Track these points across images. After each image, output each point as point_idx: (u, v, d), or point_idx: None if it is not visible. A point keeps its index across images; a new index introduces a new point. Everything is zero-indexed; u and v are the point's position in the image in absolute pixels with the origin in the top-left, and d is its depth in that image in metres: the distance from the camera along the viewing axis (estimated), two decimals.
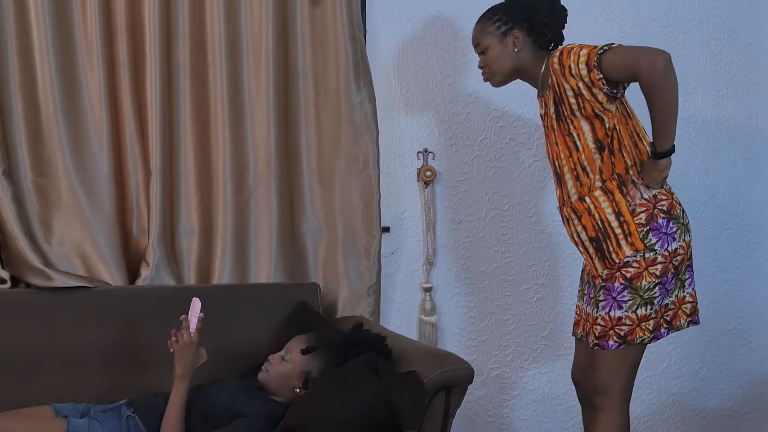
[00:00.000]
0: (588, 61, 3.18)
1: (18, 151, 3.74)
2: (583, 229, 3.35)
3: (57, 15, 3.75)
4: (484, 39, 3.47)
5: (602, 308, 3.30)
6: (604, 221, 3.28)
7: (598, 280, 3.34)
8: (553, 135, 3.38)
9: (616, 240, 3.26)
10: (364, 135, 4.08)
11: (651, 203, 3.28)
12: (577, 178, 3.33)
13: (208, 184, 3.95)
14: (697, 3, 4.62)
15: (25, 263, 3.67)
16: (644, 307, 3.27)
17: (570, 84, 3.23)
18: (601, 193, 3.28)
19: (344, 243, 4.09)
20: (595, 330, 3.34)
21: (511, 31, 3.43)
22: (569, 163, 3.33)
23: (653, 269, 3.25)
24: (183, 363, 3.22)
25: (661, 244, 3.25)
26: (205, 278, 3.95)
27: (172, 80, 3.89)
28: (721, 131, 4.69)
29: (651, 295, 3.26)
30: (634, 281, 3.25)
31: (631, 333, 3.29)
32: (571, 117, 3.28)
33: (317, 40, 4.04)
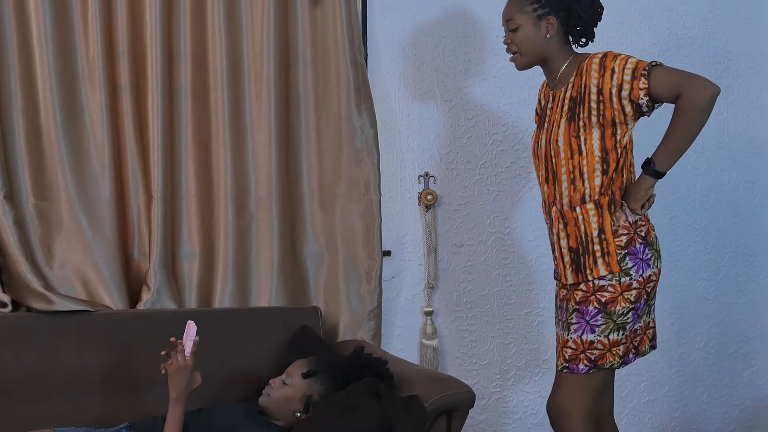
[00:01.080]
0: (636, 69, 3.16)
1: (20, 175, 3.74)
2: (565, 236, 3.31)
3: (59, 40, 3.75)
4: (518, 16, 3.35)
5: (574, 331, 3.26)
6: (588, 236, 3.25)
7: (572, 303, 3.29)
8: (553, 131, 3.32)
9: (593, 257, 3.23)
10: (366, 159, 4.08)
11: (632, 228, 3.25)
12: (572, 182, 3.28)
13: (209, 208, 3.95)
14: (697, 27, 4.64)
15: (26, 287, 3.67)
16: (617, 332, 3.23)
17: (603, 87, 3.20)
18: (593, 206, 3.25)
19: (345, 267, 4.09)
20: (565, 353, 3.29)
21: (547, 15, 3.33)
22: (569, 165, 3.28)
23: (628, 295, 3.22)
24: (177, 387, 3.19)
25: (637, 270, 3.23)
26: (206, 302, 3.95)
27: (173, 104, 3.89)
28: (722, 155, 4.70)
29: (624, 320, 3.23)
30: (609, 306, 3.21)
31: (602, 357, 3.25)
32: (586, 120, 3.23)
33: (319, 64, 4.05)
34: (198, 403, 3.35)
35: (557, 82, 3.39)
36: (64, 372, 3.59)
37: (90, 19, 3.78)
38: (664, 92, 3.16)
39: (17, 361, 3.56)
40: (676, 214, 4.65)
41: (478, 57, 4.28)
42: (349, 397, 3.26)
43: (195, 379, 3.23)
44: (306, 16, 4.02)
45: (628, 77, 3.17)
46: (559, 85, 3.38)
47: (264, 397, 3.39)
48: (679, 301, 4.66)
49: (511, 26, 3.37)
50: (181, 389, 3.19)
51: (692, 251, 4.68)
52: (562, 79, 3.37)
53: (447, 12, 4.29)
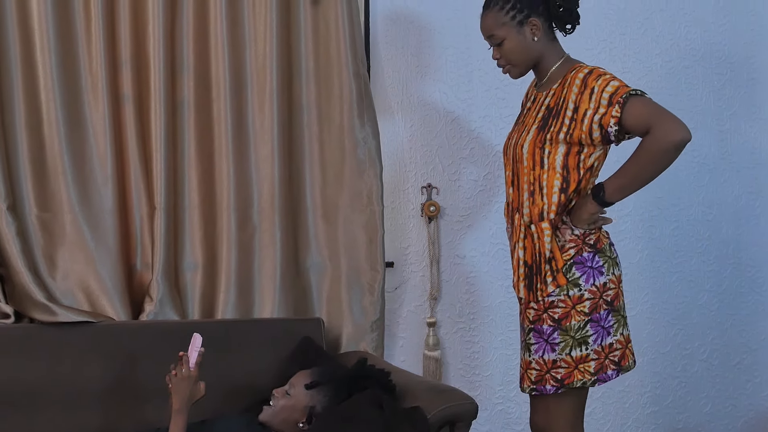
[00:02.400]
0: (614, 94, 3.04)
1: (23, 186, 3.74)
2: (523, 248, 3.21)
3: (62, 51, 3.76)
4: (499, 30, 3.21)
5: (535, 351, 3.17)
6: (541, 255, 3.15)
7: (526, 322, 3.21)
8: (522, 134, 3.22)
9: (543, 277, 3.14)
10: (368, 170, 4.08)
11: (580, 239, 3.14)
12: (532, 194, 3.17)
13: (212, 219, 3.95)
14: (699, 38, 4.64)
15: (29, 298, 3.67)
16: (578, 348, 3.12)
17: (579, 106, 3.09)
18: (548, 226, 3.14)
19: (348, 278, 4.09)
20: (530, 375, 3.20)
21: (528, 18, 3.19)
22: (530, 176, 3.17)
23: (580, 307, 3.11)
24: (180, 397, 3.18)
25: (586, 279, 3.12)
26: (208, 313, 3.95)
27: (176, 115, 3.90)
28: (725, 166, 4.70)
29: (583, 334, 3.12)
30: (563, 322, 3.12)
31: (569, 376, 3.14)
32: (554, 134, 3.12)
33: (321, 75, 4.06)
34: (201, 415, 3.35)
35: (544, 82, 3.28)
36: (67, 383, 3.59)
37: (93, 30, 3.79)
38: (634, 125, 3.03)
39: (20, 373, 3.56)
40: (678, 225, 4.64)
41: (481, 68, 4.28)
42: (351, 409, 3.26)
43: (198, 390, 3.22)
44: (309, 28, 4.03)
45: (605, 101, 3.05)
46: (544, 87, 3.27)
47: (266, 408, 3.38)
48: (681, 312, 4.66)
49: (495, 41, 3.24)
50: (183, 400, 3.18)
51: (695, 262, 4.68)
52: (549, 81, 3.26)
53: (449, 23, 4.30)
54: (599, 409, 4.53)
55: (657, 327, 4.62)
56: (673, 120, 3.02)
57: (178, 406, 3.19)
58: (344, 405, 3.30)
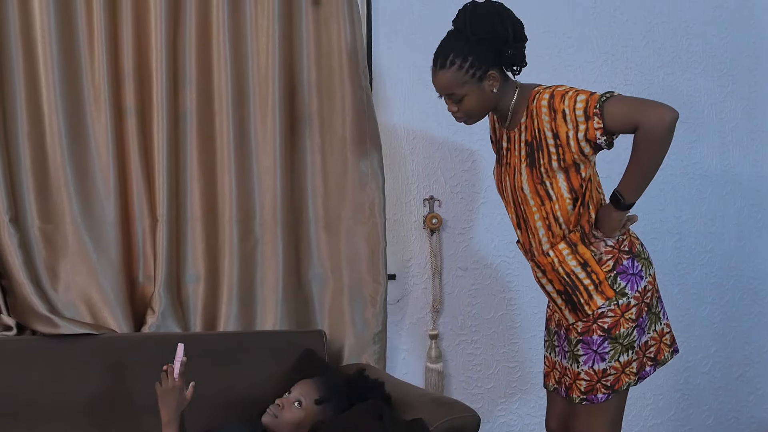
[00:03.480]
0: (587, 108, 3.04)
1: (25, 198, 3.75)
2: (548, 282, 3.27)
3: (65, 64, 3.77)
4: (460, 89, 3.19)
5: (584, 363, 3.22)
6: (570, 275, 3.19)
7: (573, 334, 3.24)
8: (516, 177, 3.23)
9: (587, 292, 3.17)
10: (370, 182, 4.08)
11: (616, 248, 3.19)
12: (549, 228, 3.22)
13: (214, 231, 3.95)
14: (701, 51, 4.65)
15: (31, 310, 3.67)
16: (626, 353, 3.19)
17: (558, 131, 3.10)
18: (565, 245, 3.18)
19: (350, 290, 4.08)
20: (579, 385, 3.24)
21: (486, 73, 3.17)
22: (541, 211, 3.21)
23: (629, 314, 3.17)
24: (167, 409, 3.16)
25: (631, 287, 3.17)
26: (211, 325, 3.94)
27: (178, 127, 3.90)
28: (727, 178, 4.70)
29: (630, 340, 3.19)
30: (613, 331, 3.17)
31: (617, 381, 3.22)
32: (547, 166, 3.14)
33: (323, 87, 4.06)
34: (203, 426, 3.34)
35: (510, 122, 3.28)
36: (69, 395, 3.58)
37: (96, 42, 3.79)
38: (619, 126, 3.04)
39: (22, 384, 3.56)
40: (681, 238, 4.64)
41: None
42: (352, 420, 3.25)
43: (185, 398, 3.19)
44: (311, 40, 4.04)
45: (581, 118, 3.05)
46: (512, 125, 3.27)
47: (270, 417, 3.36)
48: (684, 324, 4.65)
49: (455, 99, 3.23)
50: (171, 411, 3.16)
51: (697, 274, 4.67)
52: (514, 118, 3.25)
53: None
54: None
55: None
56: (654, 106, 3.03)
57: (167, 419, 3.17)
58: (345, 416, 3.29)
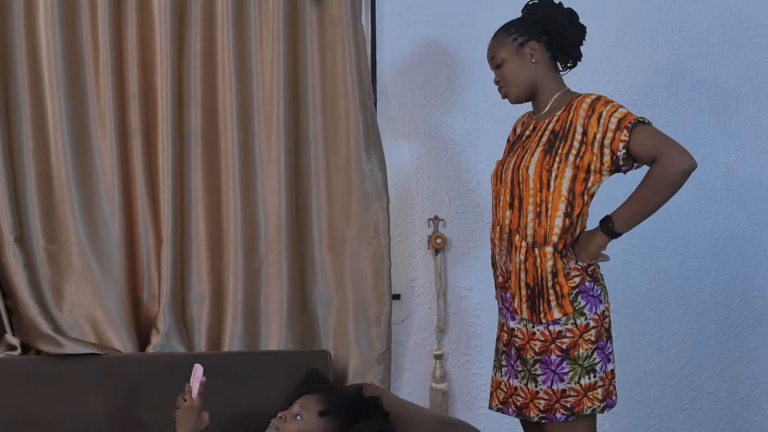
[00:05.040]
0: (622, 119, 3.12)
1: (30, 218, 3.75)
2: (524, 270, 3.25)
3: (70, 83, 3.78)
4: (499, 51, 3.35)
5: (542, 382, 3.21)
6: (543, 279, 3.19)
7: (529, 353, 3.23)
8: (525, 157, 3.27)
9: (548, 301, 3.18)
10: (375, 203, 4.08)
11: (583, 269, 3.22)
12: (538, 216, 3.21)
13: (218, 251, 3.96)
14: (705, 71, 4.65)
15: (36, 330, 3.67)
16: (587, 375, 3.17)
17: (588, 129, 3.17)
18: (552, 250, 3.19)
19: (355, 310, 4.08)
20: (538, 404, 3.22)
21: (527, 42, 3.32)
22: (536, 197, 3.22)
23: (588, 335, 3.17)
24: (183, 428, 3.18)
25: (590, 308, 3.18)
26: (215, 345, 3.94)
27: (183, 147, 3.91)
28: (731, 198, 4.70)
29: (591, 362, 3.17)
30: (571, 351, 3.17)
31: (579, 404, 3.18)
32: (563, 156, 3.19)
33: (328, 108, 4.07)
34: None
35: (545, 113, 3.36)
36: (73, 415, 3.58)
37: (101, 62, 3.81)
38: (641, 152, 3.12)
39: (26, 404, 3.56)
40: (685, 258, 4.64)
41: (487, 101, 4.29)
42: None
43: (202, 421, 3.22)
44: (315, 60, 4.05)
45: (612, 126, 3.13)
46: (545, 116, 3.34)
47: (272, 430, 3.37)
48: (689, 345, 4.64)
49: (496, 62, 3.37)
50: (188, 430, 3.18)
51: (702, 294, 4.67)
52: (550, 111, 3.34)
53: (456, 56, 4.31)
54: None
55: (664, 359, 4.60)
56: (679, 149, 3.10)
57: None
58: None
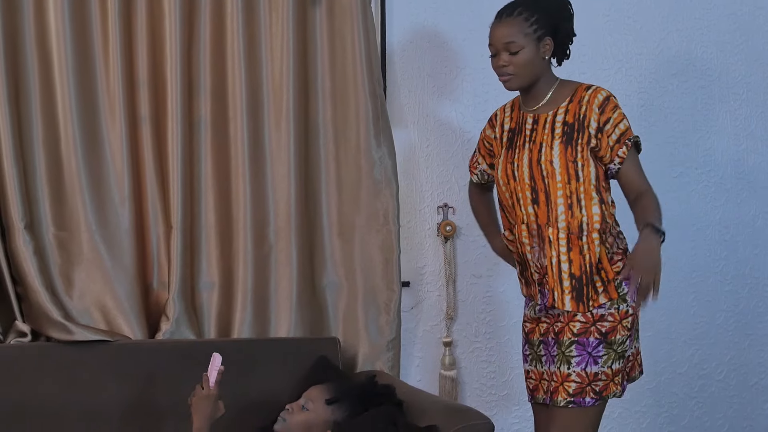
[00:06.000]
0: (624, 134, 3.23)
1: (40, 206, 3.76)
2: (567, 261, 3.23)
3: (80, 72, 3.79)
4: (520, 39, 3.25)
5: (576, 364, 3.20)
6: (592, 265, 3.21)
7: (566, 335, 3.22)
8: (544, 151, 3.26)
9: (595, 288, 3.20)
10: (384, 190, 4.08)
11: (624, 252, 3.28)
12: (569, 208, 3.22)
13: (228, 238, 3.96)
14: (715, 58, 4.64)
15: (46, 317, 3.68)
16: (618, 361, 3.21)
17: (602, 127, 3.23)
18: (598, 236, 3.21)
19: (364, 298, 4.08)
20: (568, 387, 3.21)
21: (545, 36, 3.28)
22: (566, 189, 3.23)
23: (626, 322, 3.20)
24: (200, 415, 3.19)
25: (631, 295, 3.20)
26: (225, 332, 3.95)
27: (193, 135, 3.91)
28: (742, 186, 4.69)
29: (624, 348, 3.21)
30: (609, 336, 3.19)
31: (606, 388, 3.21)
32: (584, 146, 3.23)
33: (338, 95, 4.07)
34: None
35: (543, 104, 3.34)
36: (83, 402, 3.59)
37: (111, 50, 3.81)
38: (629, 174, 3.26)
39: (36, 391, 3.57)
40: (695, 245, 4.63)
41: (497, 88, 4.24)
42: (365, 425, 3.25)
43: (218, 409, 3.23)
44: (325, 48, 4.04)
45: (615, 136, 3.23)
46: (545, 108, 3.33)
47: (280, 423, 3.37)
48: (699, 333, 4.64)
49: (513, 49, 3.27)
50: (204, 418, 3.19)
51: (712, 282, 4.66)
52: (550, 102, 3.33)
53: (465, 43, 4.30)
54: (616, 429, 4.51)
55: (674, 347, 4.60)
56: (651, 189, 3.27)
57: (198, 425, 3.20)
58: (358, 421, 3.29)
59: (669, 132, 4.58)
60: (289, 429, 3.36)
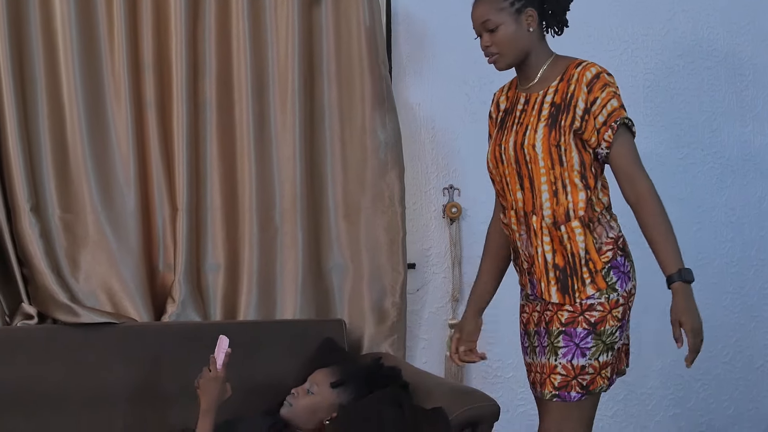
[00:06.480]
0: (611, 115, 2.98)
1: (46, 188, 3.76)
2: (551, 251, 3.05)
3: (85, 55, 3.78)
4: (496, 16, 3.05)
5: (563, 356, 3.00)
6: (575, 255, 3.01)
7: (555, 325, 3.03)
8: (528, 134, 3.04)
9: (581, 279, 3.00)
10: (390, 172, 4.08)
11: (615, 241, 3.05)
12: (554, 194, 3.01)
13: (234, 220, 3.96)
14: (722, 39, 4.63)
15: (52, 299, 3.69)
16: (606, 353, 3.00)
17: (590, 107, 2.99)
18: (579, 224, 3.00)
19: (370, 279, 4.09)
20: (554, 380, 3.02)
21: (525, 8, 3.05)
22: (549, 175, 3.01)
23: (616, 312, 3.00)
24: (207, 397, 3.20)
25: (621, 284, 3.01)
26: (230, 314, 3.95)
27: (198, 117, 3.91)
28: (748, 167, 4.68)
29: (613, 340, 3.00)
30: (599, 326, 2.98)
31: (593, 382, 3.01)
32: (566, 128, 2.99)
33: (343, 77, 4.06)
34: (223, 415, 3.35)
35: (535, 83, 3.12)
36: (90, 384, 3.60)
37: (116, 33, 3.81)
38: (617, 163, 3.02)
39: (43, 373, 3.58)
40: (701, 227, 4.63)
41: None
42: (371, 407, 3.25)
43: (225, 390, 3.24)
44: (330, 29, 4.04)
45: (602, 118, 2.98)
46: (536, 87, 3.12)
47: (286, 407, 3.38)
48: (704, 315, 4.57)
49: (489, 26, 3.08)
50: (211, 400, 3.20)
51: (718, 264, 4.66)
52: (542, 80, 3.11)
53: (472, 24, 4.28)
54: (621, 411, 4.52)
55: None
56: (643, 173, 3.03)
57: (206, 407, 3.21)
58: (363, 403, 3.30)
59: (675, 113, 4.58)
60: (295, 413, 3.37)
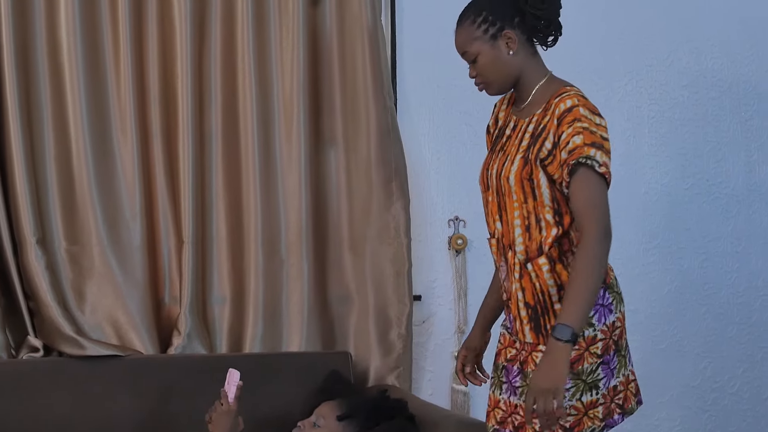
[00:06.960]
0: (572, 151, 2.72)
1: (52, 220, 3.77)
2: (520, 289, 2.86)
3: (92, 87, 3.80)
4: (471, 47, 2.91)
5: None
6: (544, 293, 2.82)
7: (531, 366, 2.83)
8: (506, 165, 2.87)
9: (554, 315, 2.79)
10: (395, 203, 4.08)
11: None
12: (527, 230, 2.83)
13: (239, 252, 3.96)
14: (726, 69, 4.63)
15: (58, 331, 3.68)
16: (589, 392, 2.78)
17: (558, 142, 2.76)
18: (546, 261, 2.82)
19: (376, 311, 4.07)
20: (534, 424, 2.76)
21: (501, 32, 2.87)
22: (522, 209, 2.83)
23: (594, 348, 2.77)
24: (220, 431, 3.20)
25: (599, 318, 2.78)
26: (236, 346, 3.94)
27: (204, 148, 3.92)
28: (753, 197, 4.68)
29: (594, 378, 2.78)
30: (575, 366, 2.74)
31: (578, 423, 2.78)
32: (535, 162, 2.79)
33: (348, 108, 4.07)
34: None
35: (526, 105, 2.94)
36: (96, 417, 3.60)
37: (122, 65, 3.83)
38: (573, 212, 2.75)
39: (48, 406, 3.58)
40: (707, 257, 4.62)
41: None
42: None
43: (237, 424, 3.24)
44: (335, 61, 4.05)
45: (564, 155, 2.74)
46: (527, 111, 2.93)
47: None
48: (711, 345, 4.62)
49: (469, 58, 2.94)
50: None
51: (724, 294, 4.64)
52: (531, 104, 2.92)
53: None
54: None
55: (686, 360, 4.58)
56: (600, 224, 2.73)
57: None
58: None
59: (680, 143, 4.58)
60: None
